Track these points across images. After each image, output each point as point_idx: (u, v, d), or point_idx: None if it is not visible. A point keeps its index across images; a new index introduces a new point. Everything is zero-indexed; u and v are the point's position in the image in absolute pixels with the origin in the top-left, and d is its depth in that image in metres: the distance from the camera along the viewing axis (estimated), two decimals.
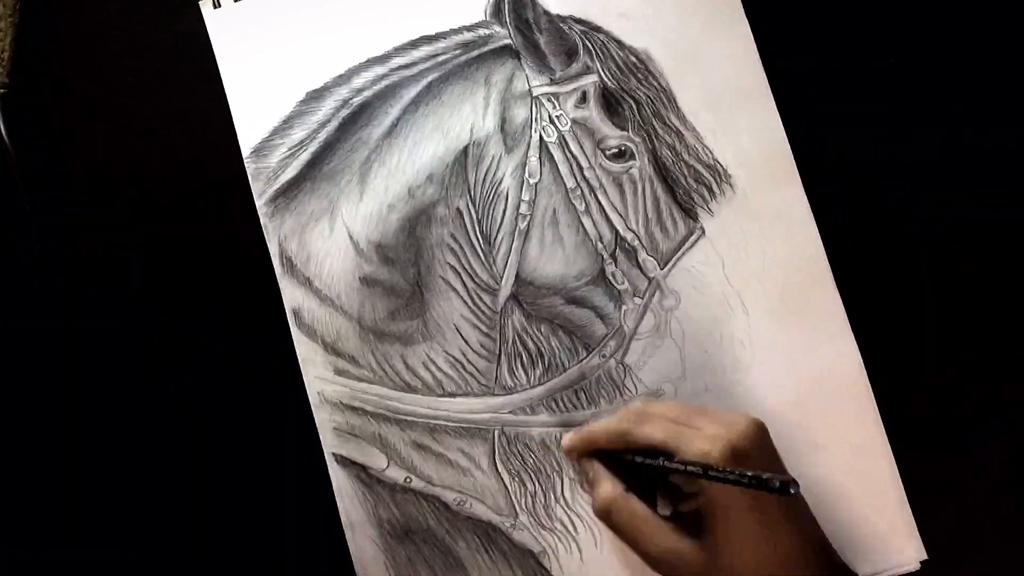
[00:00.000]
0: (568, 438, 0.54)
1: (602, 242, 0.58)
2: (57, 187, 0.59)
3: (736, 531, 0.47)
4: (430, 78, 0.59)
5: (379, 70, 0.59)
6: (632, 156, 0.58)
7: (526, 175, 0.58)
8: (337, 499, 0.56)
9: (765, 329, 0.57)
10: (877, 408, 0.56)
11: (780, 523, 0.48)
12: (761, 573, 0.48)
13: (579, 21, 0.59)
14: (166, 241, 0.59)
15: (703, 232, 0.57)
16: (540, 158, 0.58)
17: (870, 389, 0.56)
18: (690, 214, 0.58)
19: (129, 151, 0.59)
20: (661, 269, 0.57)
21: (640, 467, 0.50)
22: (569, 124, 0.58)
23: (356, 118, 0.59)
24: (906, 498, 0.55)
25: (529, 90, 0.58)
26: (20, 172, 0.58)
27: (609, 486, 0.51)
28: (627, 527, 0.50)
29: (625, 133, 0.58)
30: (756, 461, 0.48)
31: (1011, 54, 0.59)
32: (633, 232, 0.58)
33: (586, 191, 0.58)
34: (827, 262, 0.57)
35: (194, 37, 0.59)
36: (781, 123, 0.58)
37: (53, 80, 0.60)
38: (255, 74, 0.59)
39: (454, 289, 0.58)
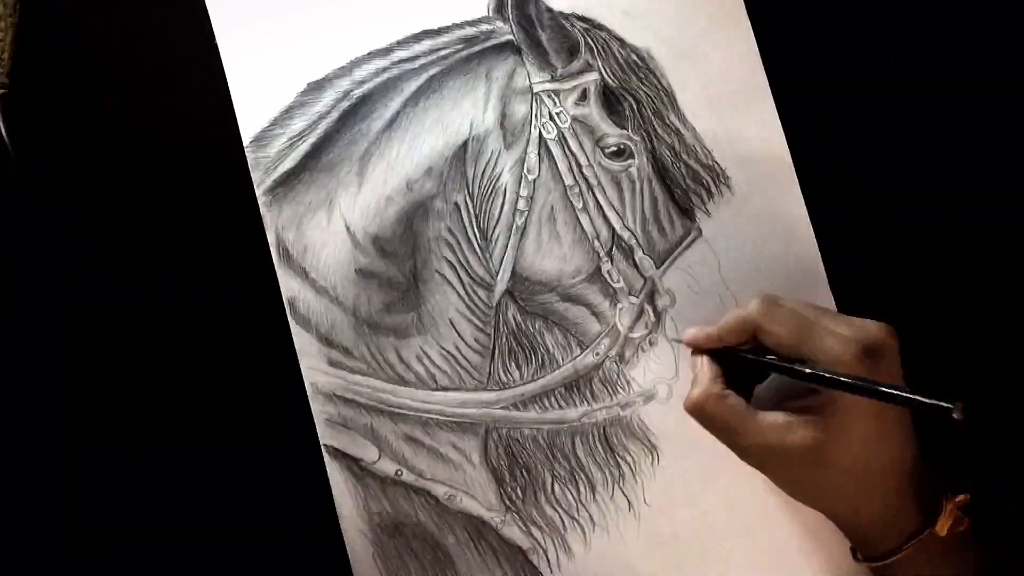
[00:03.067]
0: (691, 332, 0.52)
1: (599, 240, 0.58)
2: (57, 187, 0.59)
3: (851, 433, 0.47)
4: (431, 72, 0.59)
5: (380, 63, 0.59)
6: (631, 155, 0.58)
7: (524, 171, 0.58)
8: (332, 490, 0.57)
9: None
10: None
11: (895, 431, 0.48)
12: (864, 476, 0.48)
13: (581, 18, 0.59)
14: (166, 237, 0.59)
15: (700, 232, 0.57)
16: (539, 154, 0.58)
17: None
18: (687, 214, 0.58)
19: (129, 151, 0.59)
20: (657, 268, 0.57)
21: (747, 366, 0.50)
22: (569, 121, 0.58)
23: (356, 110, 0.59)
24: None
25: (530, 86, 0.58)
26: (20, 172, 0.58)
27: (707, 382, 0.50)
28: (723, 422, 0.49)
29: (624, 132, 0.58)
30: (886, 368, 0.47)
31: (1013, 54, 0.58)
32: (630, 231, 0.58)
33: (584, 189, 0.58)
34: (823, 265, 0.57)
35: (196, 33, 0.59)
36: (780, 125, 0.58)
37: (53, 80, 0.60)
38: (257, 64, 0.59)
39: (450, 283, 0.58)
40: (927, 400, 0.43)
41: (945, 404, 0.42)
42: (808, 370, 0.47)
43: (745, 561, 0.56)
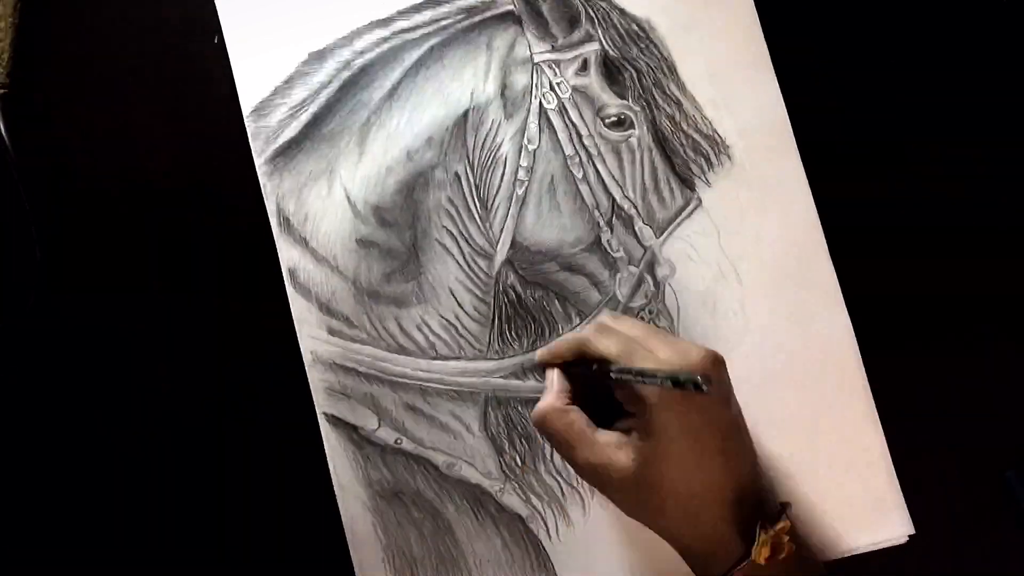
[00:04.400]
0: (540, 351, 0.55)
1: (599, 210, 0.58)
2: (57, 187, 0.59)
3: (669, 454, 0.48)
4: (432, 42, 0.59)
5: (381, 32, 0.59)
6: (631, 125, 0.58)
7: (525, 141, 0.58)
8: (328, 459, 0.57)
9: (759, 300, 0.57)
10: (867, 381, 0.56)
11: (715, 456, 0.48)
12: (679, 499, 0.48)
13: None
14: (173, 231, 0.59)
15: (700, 202, 0.57)
16: (539, 125, 0.58)
17: (861, 362, 0.56)
18: (687, 184, 0.58)
19: (130, 151, 0.60)
20: (657, 238, 0.57)
21: (596, 384, 0.51)
22: (569, 92, 0.58)
23: (357, 80, 0.59)
24: (894, 471, 0.55)
25: (530, 57, 0.59)
26: (20, 172, 0.58)
27: (552, 396, 0.52)
28: (561, 436, 0.50)
29: (625, 102, 0.58)
30: (698, 399, 0.48)
31: (1014, 29, 0.59)
32: (630, 201, 0.58)
33: (584, 159, 0.58)
34: (822, 234, 0.57)
35: (196, 18, 0.60)
36: (781, 95, 0.58)
37: (53, 80, 0.60)
38: (258, 34, 0.59)
39: (450, 253, 0.58)
40: (680, 376, 0.44)
41: (693, 378, 0.43)
42: (610, 371, 0.49)
43: None
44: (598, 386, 0.51)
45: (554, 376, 0.53)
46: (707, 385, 0.43)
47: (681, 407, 0.48)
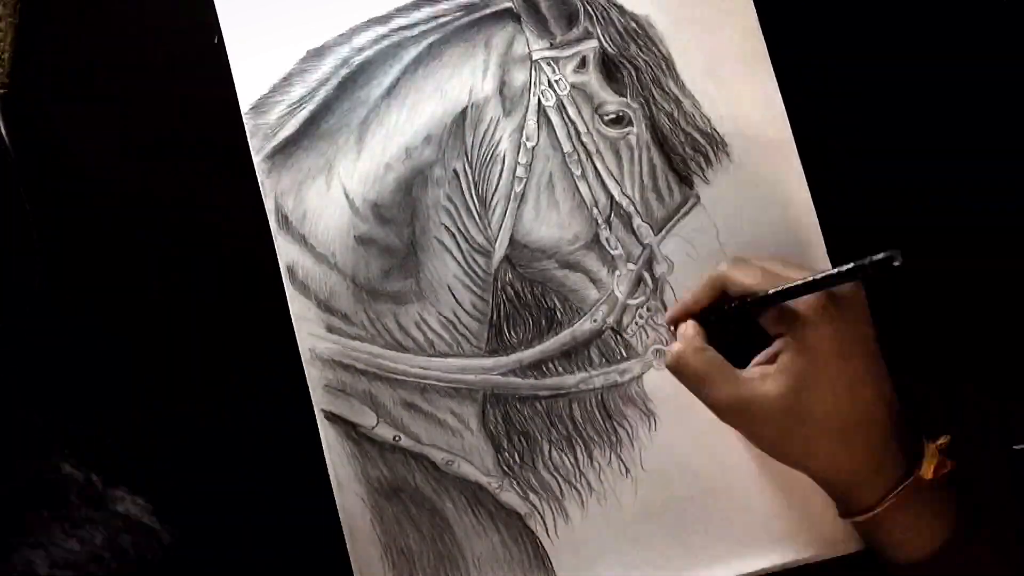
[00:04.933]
0: (672, 310, 0.55)
1: (597, 207, 0.58)
2: (57, 187, 0.59)
3: (821, 379, 0.47)
4: (431, 39, 0.59)
5: (380, 30, 0.59)
6: (630, 122, 0.58)
7: (523, 138, 0.58)
8: (326, 456, 0.57)
9: None
10: None
11: (866, 376, 0.48)
12: (832, 426, 0.48)
13: None
14: (167, 207, 0.59)
15: (698, 200, 0.57)
16: (538, 122, 0.58)
17: None
18: (686, 181, 0.58)
19: (130, 153, 0.60)
20: (655, 236, 0.57)
21: (729, 320, 0.51)
22: (568, 89, 0.58)
23: (356, 77, 0.59)
24: None
25: (529, 54, 0.59)
26: (20, 172, 0.58)
27: (687, 337, 0.51)
28: (701, 374, 0.50)
29: (623, 99, 0.58)
30: (852, 318, 0.48)
31: (1015, 27, 0.58)
32: (628, 198, 0.58)
33: (583, 156, 0.58)
34: (820, 233, 0.57)
35: (196, 17, 0.60)
36: (779, 92, 0.58)
37: (53, 80, 0.60)
38: (256, 31, 0.59)
39: (448, 250, 0.58)
40: (868, 260, 0.44)
41: (884, 254, 0.43)
42: (770, 291, 0.48)
43: (743, 526, 0.56)
44: (726, 332, 0.51)
45: (686, 324, 0.52)
46: (898, 260, 0.42)
47: (834, 324, 0.47)
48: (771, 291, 0.48)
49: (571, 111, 0.58)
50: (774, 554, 0.56)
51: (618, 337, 0.57)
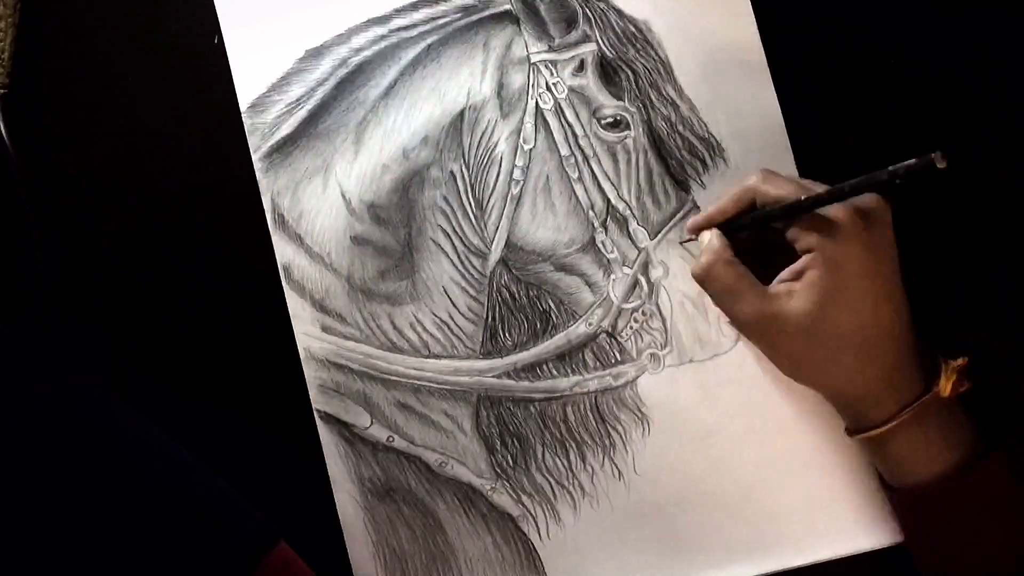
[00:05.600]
0: (694, 219, 0.54)
1: (593, 211, 0.58)
2: (57, 187, 0.59)
3: (845, 294, 0.48)
4: (429, 40, 0.59)
5: (378, 31, 0.59)
6: (627, 126, 0.58)
7: (521, 141, 0.58)
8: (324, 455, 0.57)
9: None
10: None
11: (890, 293, 0.49)
12: (854, 342, 0.48)
13: None
14: (169, 227, 0.59)
15: (695, 204, 0.57)
16: (535, 125, 0.58)
17: None
18: (682, 186, 0.58)
19: (130, 151, 0.60)
20: (651, 240, 0.57)
21: (755, 228, 0.51)
22: (566, 92, 0.58)
23: (354, 78, 0.59)
24: None
25: (527, 56, 0.59)
26: (20, 172, 0.58)
27: (716, 249, 0.51)
28: (728, 287, 0.50)
29: (621, 103, 0.58)
30: (879, 232, 0.48)
31: (1015, 30, 0.58)
32: (625, 202, 0.58)
33: (580, 159, 0.58)
34: None
35: (195, 16, 0.60)
36: (777, 98, 0.58)
37: (53, 80, 0.60)
38: (255, 31, 0.59)
39: (444, 252, 0.58)
40: (909, 162, 0.44)
41: (926, 157, 0.43)
42: (802, 199, 0.48)
43: (735, 530, 0.56)
44: (752, 245, 0.51)
45: (713, 234, 0.52)
46: (941, 162, 0.43)
47: (862, 241, 0.48)
48: (803, 197, 0.48)
49: (569, 114, 0.58)
50: (766, 559, 0.56)
51: (613, 341, 0.57)
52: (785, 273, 0.50)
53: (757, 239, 0.52)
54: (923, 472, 0.49)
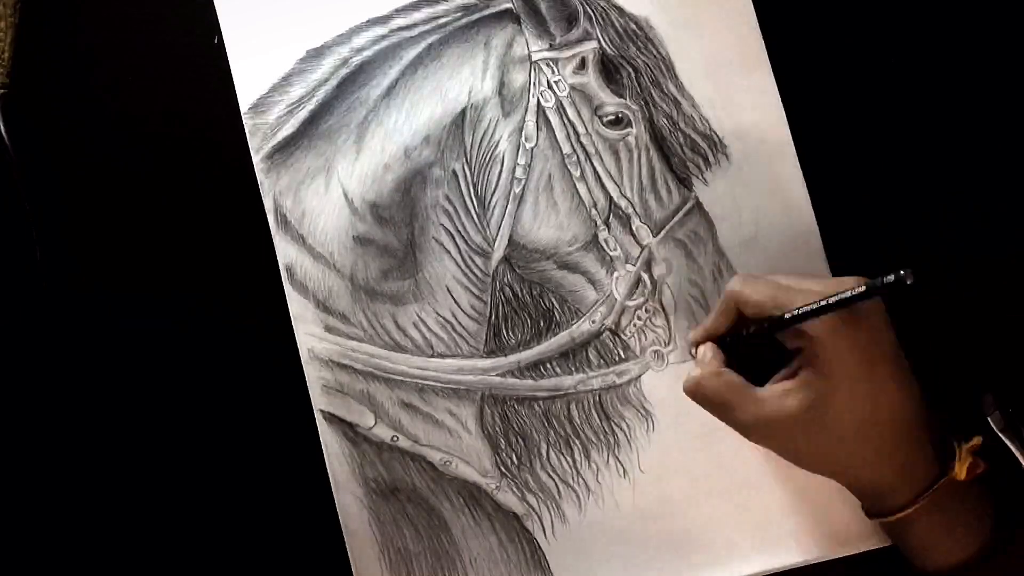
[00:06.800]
0: (693, 334, 0.54)
1: (596, 208, 0.58)
2: (57, 187, 0.59)
3: (842, 389, 0.47)
4: (430, 40, 0.59)
5: (379, 30, 0.59)
6: (629, 124, 0.58)
7: (522, 139, 0.58)
8: (324, 456, 0.57)
9: None
10: None
11: (889, 382, 0.48)
12: (858, 433, 0.48)
13: None
14: (171, 228, 0.59)
15: (697, 201, 0.57)
16: (537, 123, 0.58)
17: None
18: (685, 183, 0.58)
19: (130, 151, 0.60)
20: (654, 237, 0.57)
21: (748, 342, 0.51)
22: (567, 90, 0.58)
23: (355, 77, 0.59)
24: None
25: (528, 55, 0.59)
26: (20, 172, 0.58)
27: (704, 362, 0.51)
28: (721, 399, 0.50)
29: (623, 100, 0.58)
30: (868, 322, 0.48)
31: (1016, 29, 0.58)
32: (627, 199, 0.58)
33: (582, 157, 0.58)
34: (819, 235, 0.57)
35: (196, 16, 0.59)
36: (778, 95, 0.58)
37: (53, 80, 0.60)
38: (256, 31, 0.59)
39: (447, 251, 0.58)
40: (880, 281, 0.44)
41: (895, 275, 0.43)
42: (785, 315, 0.48)
43: (740, 528, 0.56)
44: (746, 352, 0.51)
45: (706, 347, 0.52)
46: (910, 278, 0.42)
47: (853, 334, 0.47)
48: (785, 315, 0.48)
49: (570, 112, 0.58)
50: (771, 556, 0.56)
51: (616, 338, 0.57)
52: (781, 374, 0.50)
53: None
54: (947, 557, 0.49)
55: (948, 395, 0.51)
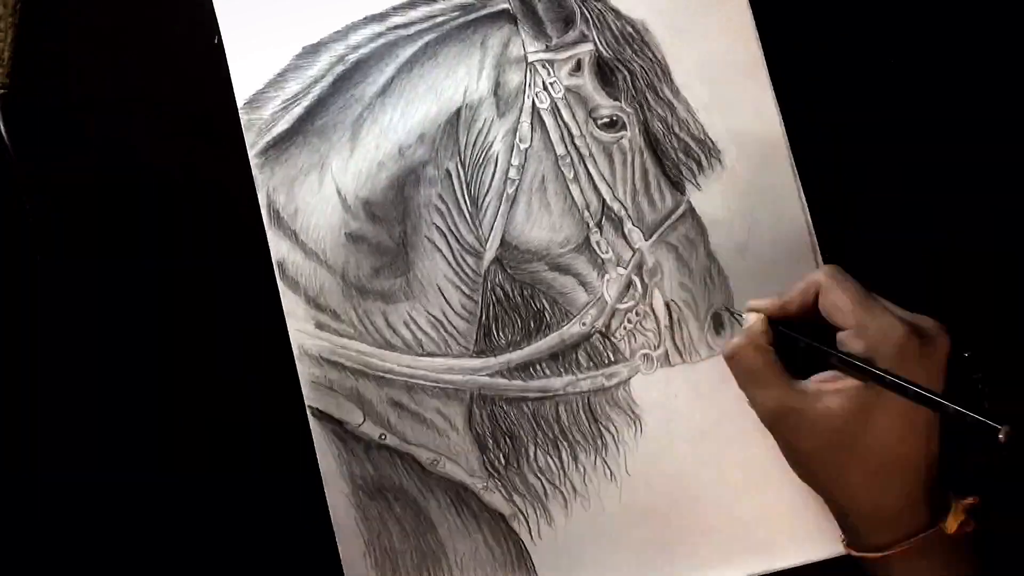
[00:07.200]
0: (754, 302, 0.52)
1: (588, 211, 0.58)
2: (57, 187, 0.59)
3: (881, 413, 0.47)
4: (426, 39, 0.59)
5: (376, 28, 0.59)
6: (623, 126, 0.58)
7: (517, 140, 0.58)
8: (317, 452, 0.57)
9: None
10: None
11: (926, 426, 0.47)
12: (876, 461, 0.47)
13: None
14: (166, 223, 0.60)
15: (690, 206, 0.57)
16: (532, 124, 0.58)
17: None
18: (678, 187, 0.58)
19: (128, 150, 0.60)
20: (646, 240, 0.57)
21: (794, 348, 0.50)
22: (562, 92, 0.58)
23: (351, 75, 0.59)
24: None
25: (524, 56, 0.58)
26: (20, 172, 0.58)
27: (751, 332, 0.50)
28: (751, 373, 0.50)
29: (617, 103, 0.58)
30: (930, 363, 0.47)
31: (1016, 33, 0.58)
32: (620, 202, 0.58)
33: (575, 159, 0.58)
34: (813, 242, 0.57)
35: (194, 15, 0.60)
36: (775, 100, 0.57)
37: (53, 80, 0.60)
38: (252, 26, 0.59)
39: (439, 250, 0.58)
40: (975, 416, 0.42)
41: (992, 424, 0.41)
42: (844, 355, 0.47)
43: (725, 532, 0.56)
44: (782, 349, 0.50)
45: (757, 319, 0.51)
46: (1004, 437, 0.41)
47: (915, 360, 0.46)
48: (858, 363, 0.47)
49: (565, 114, 0.58)
50: (757, 560, 0.56)
51: (606, 341, 0.57)
52: (825, 374, 0.49)
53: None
54: None
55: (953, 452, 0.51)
